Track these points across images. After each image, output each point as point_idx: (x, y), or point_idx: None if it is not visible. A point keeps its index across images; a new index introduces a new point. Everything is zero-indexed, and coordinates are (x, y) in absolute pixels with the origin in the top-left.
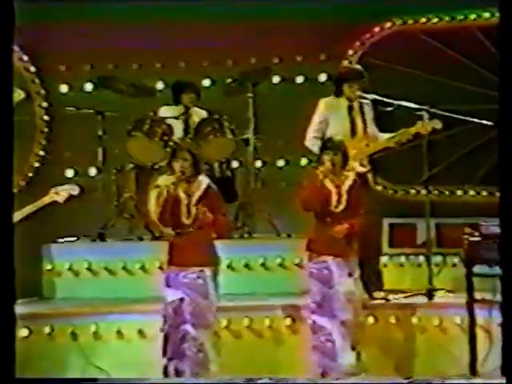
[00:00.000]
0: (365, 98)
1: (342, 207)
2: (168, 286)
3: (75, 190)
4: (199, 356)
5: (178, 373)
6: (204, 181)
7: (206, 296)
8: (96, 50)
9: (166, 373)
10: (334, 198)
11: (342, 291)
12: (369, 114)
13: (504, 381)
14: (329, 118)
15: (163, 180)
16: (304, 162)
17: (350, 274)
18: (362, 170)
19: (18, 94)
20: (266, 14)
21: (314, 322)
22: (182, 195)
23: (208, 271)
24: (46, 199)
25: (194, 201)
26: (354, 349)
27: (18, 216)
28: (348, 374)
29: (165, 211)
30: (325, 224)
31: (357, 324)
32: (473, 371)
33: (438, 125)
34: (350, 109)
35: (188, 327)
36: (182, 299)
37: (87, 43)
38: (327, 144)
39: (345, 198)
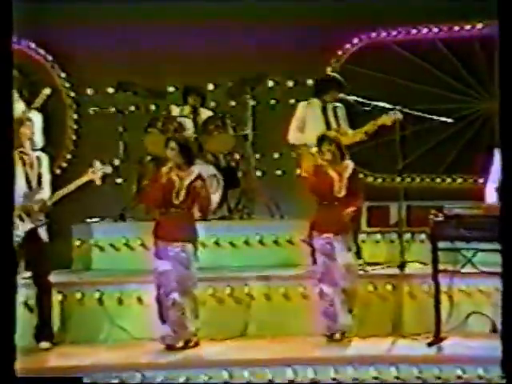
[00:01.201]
0: (339, 101)
1: (343, 193)
2: (159, 258)
3: (109, 170)
4: (181, 319)
5: (165, 338)
6: (195, 171)
7: (188, 267)
8: (117, 58)
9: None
10: (337, 184)
11: (342, 263)
12: (341, 113)
13: (504, 381)
14: (306, 117)
15: (164, 168)
16: (295, 154)
17: (349, 249)
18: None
19: (46, 90)
20: (262, 30)
21: (321, 290)
22: (175, 179)
23: (190, 246)
24: (85, 178)
25: (184, 185)
26: (350, 311)
27: (59, 194)
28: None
29: (158, 192)
30: (328, 207)
31: (354, 291)
32: (438, 329)
33: (398, 116)
34: (324, 109)
35: (175, 295)
36: (169, 270)
37: (109, 51)
38: (323, 138)
39: (345, 185)
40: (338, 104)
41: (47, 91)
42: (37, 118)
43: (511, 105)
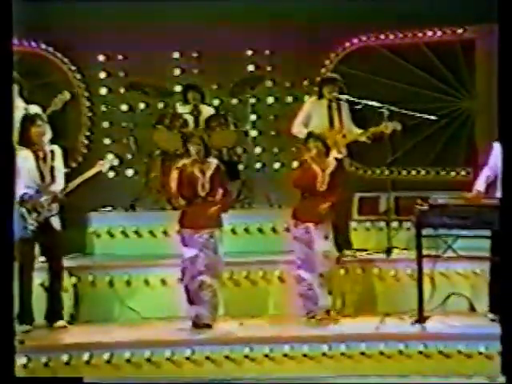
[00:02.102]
0: (341, 99)
1: (324, 187)
2: (185, 245)
3: (115, 161)
4: (214, 300)
5: (198, 316)
6: (214, 162)
7: (216, 252)
8: (128, 60)
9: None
10: (320, 179)
11: (320, 250)
12: (345, 111)
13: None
14: (312, 113)
15: (182, 162)
16: (293, 148)
17: (326, 237)
18: (339, 156)
19: (66, 95)
20: (262, 35)
21: (299, 275)
22: (198, 173)
23: (217, 232)
24: (94, 170)
25: (207, 177)
26: (330, 293)
27: (70, 187)
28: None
29: (183, 186)
30: (309, 199)
31: (332, 275)
32: (421, 308)
33: (398, 126)
34: (330, 107)
35: (205, 277)
36: (197, 255)
37: (121, 52)
38: (310, 136)
39: (327, 180)
40: (341, 101)
41: (67, 96)
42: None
43: (510, 103)
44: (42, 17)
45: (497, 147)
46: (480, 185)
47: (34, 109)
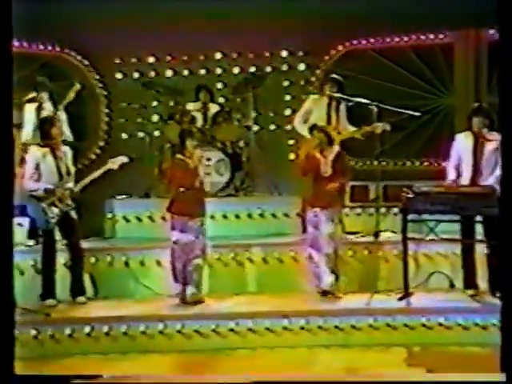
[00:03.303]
0: (339, 99)
1: (329, 173)
2: (182, 231)
3: (125, 159)
4: (201, 279)
5: (189, 294)
6: (197, 153)
7: (206, 236)
8: (141, 62)
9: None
10: (323, 166)
11: (326, 232)
12: (342, 110)
13: (504, 380)
14: (313, 109)
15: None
16: (291, 141)
17: (332, 220)
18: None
19: (77, 86)
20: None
21: (310, 254)
22: (191, 164)
23: (204, 220)
24: (105, 167)
25: (200, 169)
26: (333, 272)
27: (86, 180)
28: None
29: (180, 177)
30: (316, 185)
31: (335, 255)
32: (406, 286)
33: (387, 127)
34: (329, 105)
35: (199, 260)
36: (194, 241)
37: (136, 55)
38: (314, 128)
39: (330, 166)
40: (342, 101)
41: (78, 86)
42: (63, 117)
43: (510, 103)
44: (66, 23)
45: (458, 138)
46: (451, 174)
47: (51, 109)
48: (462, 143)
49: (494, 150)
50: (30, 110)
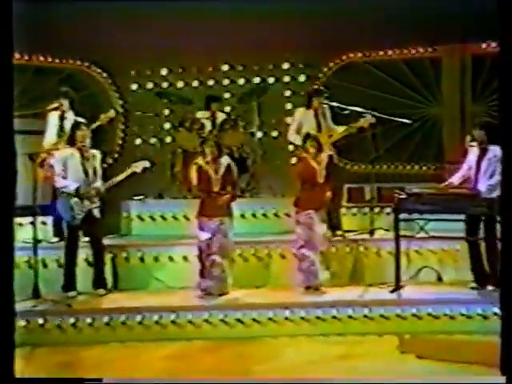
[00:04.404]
0: (326, 104)
1: (323, 179)
2: (201, 229)
3: (147, 164)
4: (222, 275)
5: (208, 288)
6: (225, 162)
7: (226, 236)
8: (156, 72)
9: (199, 287)
10: (319, 172)
11: (320, 232)
12: (328, 115)
13: (504, 382)
14: (302, 121)
15: (199, 160)
16: (291, 147)
17: (324, 221)
18: (330, 152)
19: (111, 113)
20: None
21: (303, 254)
22: (211, 172)
23: (227, 220)
24: (129, 170)
25: (219, 176)
26: (328, 269)
27: (110, 183)
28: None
29: (200, 182)
30: (310, 189)
31: (328, 253)
32: (398, 279)
33: (372, 120)
34: (316, 114)
35: (216, 257)
36: (211, 238)
37: (150, 68)
38: (308, 137)
39: (323, 173)
40: (325, 107)
41: (112, 114)
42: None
43: (510, 103)
44: (86, 39)
45: (472, 151)
46: (455, 179)
47: (80, 118)
48: (471, 156)
49: (490, 161)
50: (53, 118)
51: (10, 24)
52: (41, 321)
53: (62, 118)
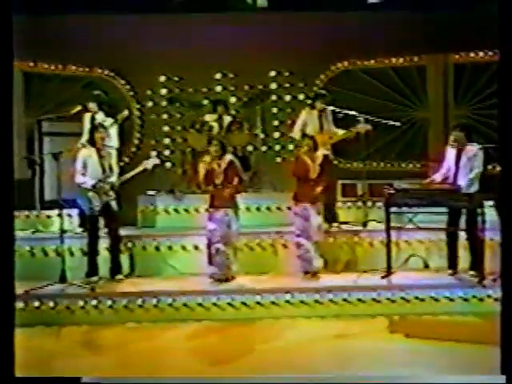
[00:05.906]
0: (327, 109)
1: (315, 175)
2: (209, 219)
3: (157, 161)
4: (227, 262)
5: (214, 274)
6: (228, 158)
7: (230, 226)
8: (169, 79)
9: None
10: (312, 169)
11: (315, 223)
12: (330, 118)
13: (504, 382)
14: (307, 121)
15: (205, 158)
16: (291, 147)
17: (319, 213)
18: (326, 152)
19: (125, 113)
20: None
21: (298, 242)
22: (215, 167)
23: (231, 212)
24: (141, 167)
25: (221, 170)
26: (322, 257)
27: (124, 178)
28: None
29: (206, 177)
30: (305, 184)
31: (322, 242)
32: (388, 266)
33: (369, 128)
34: (320, 116)
35: (219, 245)
36: (215, 229)
37: (164, 75)
38: (303, 137)
39: (317, 169)
40: (328, 111)
41: (126, 113)
42: (113, 130)
43: (510, 105)
44: (106, 49)
45: (449, 151)
46: (437, 177)
47: (99, 118)
48: (450, 154)
49: (469, 159)
50: (86, 120)
51: (10, 25)
52: (66, 302)
53: (92, 120)
